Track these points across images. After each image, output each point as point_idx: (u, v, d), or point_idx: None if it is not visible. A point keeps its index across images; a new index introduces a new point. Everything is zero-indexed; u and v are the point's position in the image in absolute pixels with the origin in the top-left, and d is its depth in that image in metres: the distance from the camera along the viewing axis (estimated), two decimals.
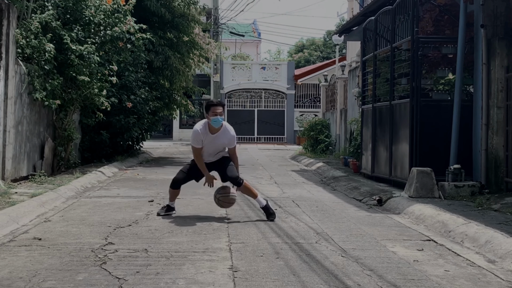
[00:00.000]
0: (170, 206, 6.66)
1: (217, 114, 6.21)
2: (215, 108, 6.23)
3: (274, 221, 6.23)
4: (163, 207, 6.68)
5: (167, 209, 6.61)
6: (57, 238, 5.20)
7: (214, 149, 6.42)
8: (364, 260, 4.54)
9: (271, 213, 6.34)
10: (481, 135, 8.15)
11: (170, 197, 6.69)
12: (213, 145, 6.37)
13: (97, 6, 10.45)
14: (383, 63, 10.38)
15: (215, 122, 6.23)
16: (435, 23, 9.31)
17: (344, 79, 17.93)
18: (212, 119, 6.21)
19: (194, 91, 18.69)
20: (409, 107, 8.72)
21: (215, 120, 6.21)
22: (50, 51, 9.21)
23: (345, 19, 23.64)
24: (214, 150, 6.44)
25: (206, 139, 6.32)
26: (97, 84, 10.57)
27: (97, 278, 3.88)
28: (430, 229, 6.01)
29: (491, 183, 7.92)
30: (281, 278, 3.99)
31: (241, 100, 30.97)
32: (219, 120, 6.23)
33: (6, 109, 8.34)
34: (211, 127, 6.30)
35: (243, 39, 38.42)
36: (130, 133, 13.94)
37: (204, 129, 6.32)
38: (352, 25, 13.37)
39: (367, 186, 9.30)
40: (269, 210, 6.36)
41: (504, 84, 7.84)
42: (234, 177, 6.37)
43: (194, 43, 16.04)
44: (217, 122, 6.24)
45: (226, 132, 6.38)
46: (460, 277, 4.13)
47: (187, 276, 3.97)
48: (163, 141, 28.16)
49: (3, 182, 7.99)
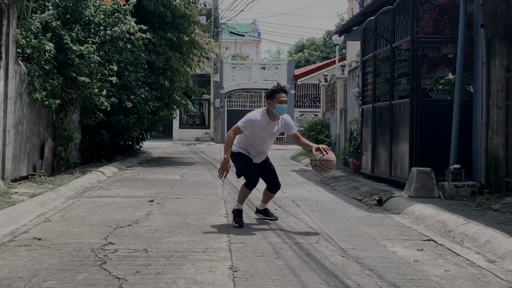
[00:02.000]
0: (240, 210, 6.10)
1: (283, 102, 5.78)
2: (280, 95, 5.77)
3: (274, 221, 6.24)
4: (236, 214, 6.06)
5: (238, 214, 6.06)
6: (57, 238, 5.20)
7: (267, 139, 5.98)
8: (364, 260, 4.54)
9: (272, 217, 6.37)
10: (481, 135, 8.15)
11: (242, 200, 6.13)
12: (269, 134, 5.92)
13: (97, 6, 10.45)
14: (383, 63, 10.39)
15: (280, 110, 5.78)
16: (435, 23, 9.31)
17: (344, 79, 17.93)
18: (277, 107, 5.76)
19: (194, 91, 18.69)
20: (409, 107, 8.72)
21: (281, 108, 5.77)
22: (50, 51, 9.21)
23: (345, 19, 23.64)
24: (267, 140, 5.99)
25: (263, 128, 5.85)
26: (97, 84, 10.57)
27: (97, 278, 3.88)
28: (430, 229, 6.01)
29: (491, 183, 7.92)
30: (281, 278, 3.99)
31: (241, 100, 30.96)
32: (284, 107, 5.80)
33: (6, 109, 8.34)
34: (271, 115, 5.84)
35: (243, 39, 38.42)
36: (130, 133, 13.95)
37: (263, 116, 5.85)
38: (352, 25, 13.37)
39: (367, 186, 9.30)
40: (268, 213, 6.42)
41: (504, 84, 7.84)
42: (278, 185, 6.24)
43: (195, 42, 16.04)
44: (283, 110, 5.80)
45: (284, 120, 5.97)
46: (460, 277, 4.13)
47: (187, 276, 3.97)
48: (163, 141, 28.17)
49: (3, 182, 7.99)
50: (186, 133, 31.45)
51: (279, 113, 5.80)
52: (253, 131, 5.85)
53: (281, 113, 5.82)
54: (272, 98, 5.78)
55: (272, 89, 5.86)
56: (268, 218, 6.34)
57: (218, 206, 7.34)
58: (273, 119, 5.86)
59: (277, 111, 5.78)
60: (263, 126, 5.83)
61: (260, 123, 5.82)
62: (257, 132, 5.86)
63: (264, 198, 6.38)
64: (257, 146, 5.99)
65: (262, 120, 5.83)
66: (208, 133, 31.23)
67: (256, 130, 5.84)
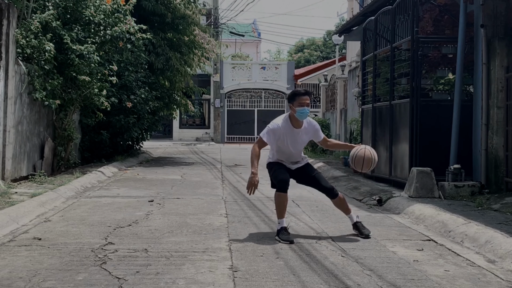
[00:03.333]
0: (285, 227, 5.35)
1: (305, 105, 5.41)
2: (302, 97, 5.42)
3: (274, 223, 6.17)
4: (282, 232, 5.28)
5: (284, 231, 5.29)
6: (57, 238, 5.20)
7: (295, 147, 5.54)
8: (364, 260, 4.54)
9: (364, 232, 5.51)
10: (481, 135, 8.15)
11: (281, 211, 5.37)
12: (295, 142, 5.51)
13: (97, 6, 10.45)
14: (383, 63, 10.38)
15: (301, 114, 5.41)
16: (435, 23, 9.31)
17: (344, 79, 17.93)
18: (298, 110, 5.39)
19: (194, 91, 18.70)
20: (409, 107, 8.71)
21: (302, 111, 5.40)
22: (50, 50, 9.21)
23: (345, 19, 23.64)
24: (295, 149, 5.55)
25: (287, 136, 5.46)
26: (97, 84, 10.57)
27: (97, 278, 3.88)
28: (430, 229, 6.01)
29: (491, 183, 7.92)
30: (281, 278, 3.99)
31: (241, 100, 30.97)
32: (306, 111, 5.42)
33: (6, 109, 8.34)
34: (295, 121, 5.49)
35: (243, 39, 38.45)
36: (130, 133, 13.95)
37: (285, 124, 5.48)
38: (352, 25, 13.37)
39: (367, 186, 9.30)
40: (360, 229, 5.56)
41: (504, 84, 7.84)
42: (329, 187, 5.62)
43: (195, 42, 16.04)
44: (304, 113, 5.43)
45: (309, 124, 5.59)
46: (460, 277, 4.13)
47: (187, 276, 3.97)
48: (163, 141, 28.17)
49: (3, 182, 7.99)
50: (186, 133, 31.46)
51: (301, 116, 5.43)
52: (278, 140, 5.48)
53: (303, 117, 5.45)
54: (293, 101, 5.45)
55: (292, 92, 5.58)
56: (360, 235, 5.51)
57: (218, 206, 7.34)
58: (297, 125, 5.50)
59: (298, 114, 5.42)
60: (286, 133, 5.46)
61: (283, 130, 5.45)
62: (283, 141, 5.48)
63: (339, 209, 5.77)
64: (286, 155, 5.58)
65: (285, 127, 5.47)
66: (208, 133, 31.23)
67: (280, 139, 5.47)
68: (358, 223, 5.60)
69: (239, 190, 9.11)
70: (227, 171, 12.73)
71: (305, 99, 5.42)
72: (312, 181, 5.65)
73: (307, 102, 5.43)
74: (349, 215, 5.66)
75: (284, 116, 5.58)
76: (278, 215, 5.38)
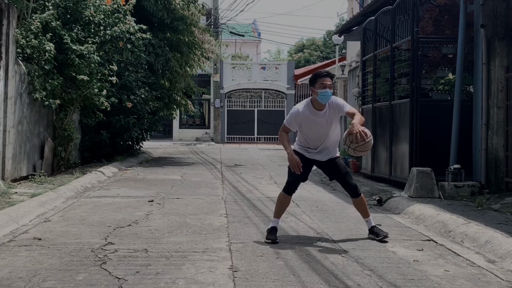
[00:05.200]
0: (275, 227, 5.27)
1: (327, 87, 5.13)
2: (323, 79, 5.15)
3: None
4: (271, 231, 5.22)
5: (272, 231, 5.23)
6: (57, 238, 5.20)
7: (320, 131, 5.25)
8: (364, 260, 4.54)
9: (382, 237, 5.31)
10: (481, 135, 8.15)
11: (278, 211, 5.36)
12: (319, 125, 5.23)
13: (97, 6, 10.45)
14: (383, 63, 10.39)
15: (323, 97, 5.14)
16: (435, 23, 9.31)
17: (344, 79, 17.94)
18: (319, 92, 5.13)
19: (194, 91, 18.69)
20: (409, 107, 8.72)
21: (324, 93, 5.12)
22: (50, 50, 9.20)
23: (345, 19, 23.64)
24: (320, 132, 5.26)
25: (309, 120, 5.22)
26: (97, 84, 10.57)
27: (97, 278, 3.88)
28: (430, 229, 6.01)
29: (491, 183, 7.92)
30: (281, 278, 3.99)
31: (241, 100, 30.96)
32: (328, 93, 5.14)
33: (6, 109, 8.34)
34: (316, 103, 5.22)
35: (243, 39, 38.45)
36: (130, 133, 13.95)
37: (306, 108, 5.23)
38: (352, 25, 13.37)
39: (367, 186, 9.30)
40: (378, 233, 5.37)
41: (504, 84, 7.84)
42: (354, 185, 5.40)
43: (195, 43, 16.04)
44: (326, 96, 5.14)
45: (333, 104, 5.25)
46: (460, 277, 4.13)
47: (187, 276, 3.97)
48: (163, 141, 28.17)
49: (3, 182, 7.99)
50: (186, 133, 31.45)
51: (323, 99, 5.15)
52: (301, 124, 5.26)
53: (325, 100, 5.16)
54: (314, 83, 5.19)
55: (314, 74, 5.30)
56: (376, 238, 5.32)
57: (218, 206, 7.34)
58: (319, 108, 5.21)
59: (320, 97, 5.14)
60: (308, 117, 5.21)
61: (304, 114, 5.22)
62: (306, 125, 5.25)
63: (358, 211, 5.54)
64: (314, 140, 5.31)
65: (306, 111, 5.22)
66: (208, 133, 31.23)
67: (303, 123, 5.24)
68: (375, 227, 5.44)
69: (239, 190, 9.11)
70: (227, 171, 12.73)
71: (327, 80, 5.16)
72: (339, 176, 5.40)
73: (329, 83, 5.16)
74: (367, 218, 5.46)
75: (306, 100, 5.34)
76: (275, 213, 5.36)
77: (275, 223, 5.30)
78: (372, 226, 5.43)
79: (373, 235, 5.37)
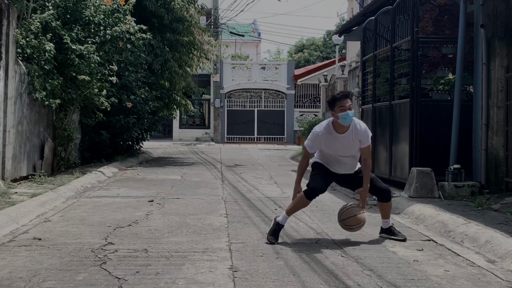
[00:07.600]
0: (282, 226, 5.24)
1: (347, 109, 5.02)
2: (342, 101, 5.03)
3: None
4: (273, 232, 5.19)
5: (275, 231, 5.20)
6: (57, 238, 5.20)
7: (341, 153, 5.22)
8: (364, 260, 4.55)
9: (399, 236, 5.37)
10: (481, 135, 8.15)
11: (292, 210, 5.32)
12: (340, 148, 5.17)
13: (97, 6, 10.45)
14: (383, 63, 10.39)
15: (344, 119, 5.03)
16: (435, 23, 9.32)
17: (344, 79, 17.94)
18: (340, 116, 5.01)
19: (194, 91, 18.69)
20: (409, 107, 8.71)
21: (345, 116, 5.00)
22: (50, 51, 9.20)
23: (345, 19, 23.65)
24: (341, 154, 5.23)
25: (330, 143, 5.16)
26: (97, 84, 10.57)
27: (97, 278, 3.88)
28: (430, 229, 6.01)
29: (491, 183, 7.92)
30: (281, 278, 3.99)
31: (241, 100, 30.97)
32: (349, 115, 5.02)
33: (6, 109, 8.34)
34: (338, 126, 5.12)
35: (243, 39, 38.42)
36: (130, 133, 13.95)
37: (326, 131, 5.15)
38: (352, 25, 13.37)
39: None
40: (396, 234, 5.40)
41: (504, 84, 7.84)
42: (386, 189, 5.32)
43: (195, 44, 16.04)
44: (348, 118, 5.03)
45: (357, 128, 5.15)
46: (460, 277, 4.13)
47: (187, 276, 3.97)
48: (163, 141, 28.16)
49: (3, 182, 7.99)
50: (186, 133, 31.45)
51: (345, 122, 5.05)
52: (322, 146, 5.23)
53: (347, 122, 5.06)
54: (333, 107, 5.09)
55: (332, 97, 5.20)
56: (393, 237, 5.35)
57: (218, 206, 7.34)
58: (341, 131, 5.12)
59: (342, 120, 5.04)
60: (329, 139, 5.15)
61: (323, 138, 5.16)
62: (326, 147, 5.20)
63: (380, 212, 5.49)
64: (335, 159, 5.29)
65: (326, 134, 5.14)
66: (208, 133, 31.23)
67: (324, 145, 5.20)
68: (394, 228, 5.47)
69: (239, 190, 9.11)
70: (227, 171, 12.73)
71: (346, 102, 5.04)
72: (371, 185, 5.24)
73: (349, 105, 5.04)
74: (386, 219, 5.45)
75: (327, 122, 5.23)
76: (288, 211, 5.30)
77: (285, 220, 5.25)
78: (390, 226, 5.45)
79: (389, 234, 5.39)
